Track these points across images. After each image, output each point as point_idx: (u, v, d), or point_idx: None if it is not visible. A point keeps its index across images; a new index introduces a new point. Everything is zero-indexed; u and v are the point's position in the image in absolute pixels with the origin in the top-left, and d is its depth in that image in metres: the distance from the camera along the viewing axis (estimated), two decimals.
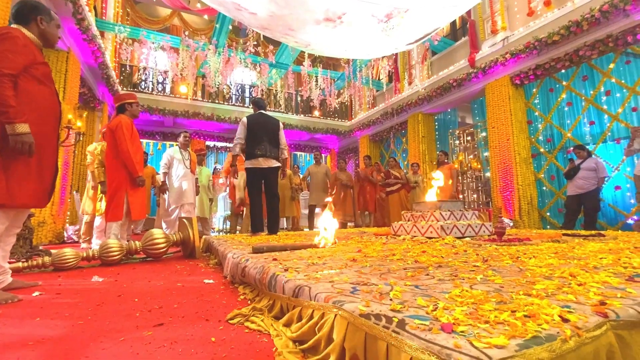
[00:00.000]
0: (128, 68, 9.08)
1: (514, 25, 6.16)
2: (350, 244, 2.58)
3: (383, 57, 8.36)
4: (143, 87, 9.20)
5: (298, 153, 12.35)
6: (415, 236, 3.04)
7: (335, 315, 0.82)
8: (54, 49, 1.93)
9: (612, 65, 5.14)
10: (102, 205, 3.82)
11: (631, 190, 4.94)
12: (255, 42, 7.92)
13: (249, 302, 1.44)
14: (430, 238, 2.82)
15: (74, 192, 5.77)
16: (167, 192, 4.43)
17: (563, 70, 5.57)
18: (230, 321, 1.18)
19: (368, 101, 10.44)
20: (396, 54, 8.63)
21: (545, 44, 5.32)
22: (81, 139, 4.22)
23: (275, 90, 10.77)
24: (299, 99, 11.20)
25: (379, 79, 9.66)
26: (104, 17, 7.29)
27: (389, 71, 8.87)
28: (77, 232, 4.99)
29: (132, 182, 3.09)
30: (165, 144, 9.98)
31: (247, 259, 1.73)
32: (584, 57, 5.07)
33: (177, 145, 4.69)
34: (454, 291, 0.91)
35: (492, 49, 6.31)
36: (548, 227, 5.76)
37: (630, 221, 4.93)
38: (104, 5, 7.40)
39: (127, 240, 3.06)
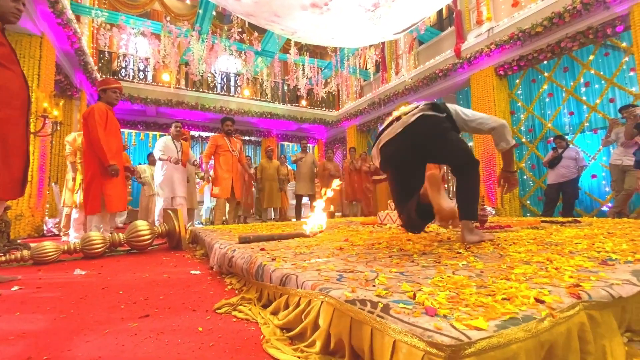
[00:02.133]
0: (107, 55, 8.73)
1: (498, 15, 6.21)
2: (337, 233, 2.60)
3: (370, 46, 8.32)
4: (123, 74, 8.88)
5: (285, 143, 12.25)
6: (401, 225, 3.09)
7: (322, 302, 0.83)
8: (13, 23, 1.74)
9: (591, 57, 5.27)
10: (78, 197, 3.71)
11: (606, 178, 5.14)
12: (240, 29, 7.73)
13: (236, 292, 1.44)
14: None
15: (53, 183, 5.58)
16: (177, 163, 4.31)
17: (545, 62, 5.68)
18: (218, 311, 1.18)
19: (355, 91, 10.40)
20: (383, 43, 8.60)
21: (528, 35, 5.40)
22: (58, 128, 4.05)
23: (261, 79, 10.58)
24: (285, 88, 11.05)
25: (366, 68, 9.62)
26: (79, 0, 6.94)
27: (376, 61, 8.84)
28: (57, 225, 4.85)
29: (105, 172, 2.96)
30: (148, 134, 9.72)
31: (234, 250, 1.72)
32: (565, 49, 5.18)
33: (167, 135, 4.56)
34: (436, 277, 0.94)
35: (477, 39, 6.36)
36: (528, 214, 5.96)
37: (605, 208, 5.16)
38: None
39: (110, 233, 2.99)
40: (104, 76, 8.18)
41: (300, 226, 3.02)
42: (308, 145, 6.96)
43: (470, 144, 7.12)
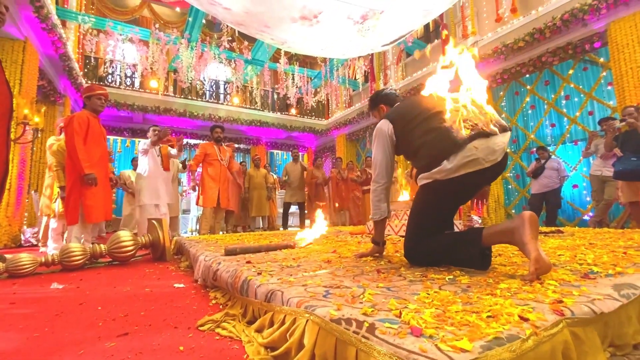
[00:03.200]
0: (93, 60, 8.59)
1: (483, 30, 6.41)
2: (326, 243, 2.58)
3: (359, 57, 8.44)
4: (110, 80, 8.74)
5: (275, 151, 12.22)
6: (388, 235, 3.10)
7: (307, 321, 0.81)
8: None
9: (571, 72, 5.48)
10: (56, 206, 3.58)
11: (587, 188, 5.30)
12: (229, 38, 7.74)
13: (220, 307, 1.40)
14: (403, 237, 2.88)
15: (32, 191, 5.40)
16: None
17: (527, 75, 5.87)
18: (201, 328, 1.14)
19: (344, 100, 10.51)
20: (372, 54, 8.74)
21: (511, 49, 5.58)
22: (39, 135, 3.94)
23: (251, 87, 10.59)
24: (275, 96, 11.07)
25: (355, 78, 9.74)
26: (65, 5, 6.85)
27: (365, 71, 8.97)
28: (35, 235, 4.67)
29: (85, 182, 2.88)
30: (134, 141, 9.55)
31: (219, 262, 1.68)
32: (546, 63, 5.38)
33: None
34: (422, 293, 0.93)
35: None
36: None
37: (586, 217, 5.30)
38: None
39: (92, 243, 2.89)
40: (89, 82, 8.03)
41: (288, 236, 3.00)
42: (299, 154, 6.97)
43: None
